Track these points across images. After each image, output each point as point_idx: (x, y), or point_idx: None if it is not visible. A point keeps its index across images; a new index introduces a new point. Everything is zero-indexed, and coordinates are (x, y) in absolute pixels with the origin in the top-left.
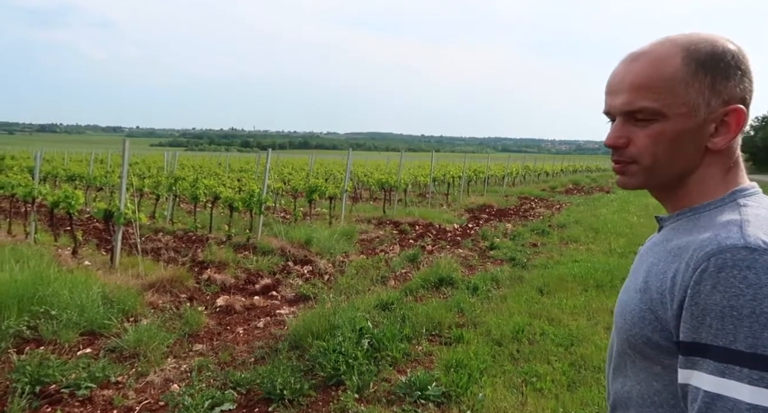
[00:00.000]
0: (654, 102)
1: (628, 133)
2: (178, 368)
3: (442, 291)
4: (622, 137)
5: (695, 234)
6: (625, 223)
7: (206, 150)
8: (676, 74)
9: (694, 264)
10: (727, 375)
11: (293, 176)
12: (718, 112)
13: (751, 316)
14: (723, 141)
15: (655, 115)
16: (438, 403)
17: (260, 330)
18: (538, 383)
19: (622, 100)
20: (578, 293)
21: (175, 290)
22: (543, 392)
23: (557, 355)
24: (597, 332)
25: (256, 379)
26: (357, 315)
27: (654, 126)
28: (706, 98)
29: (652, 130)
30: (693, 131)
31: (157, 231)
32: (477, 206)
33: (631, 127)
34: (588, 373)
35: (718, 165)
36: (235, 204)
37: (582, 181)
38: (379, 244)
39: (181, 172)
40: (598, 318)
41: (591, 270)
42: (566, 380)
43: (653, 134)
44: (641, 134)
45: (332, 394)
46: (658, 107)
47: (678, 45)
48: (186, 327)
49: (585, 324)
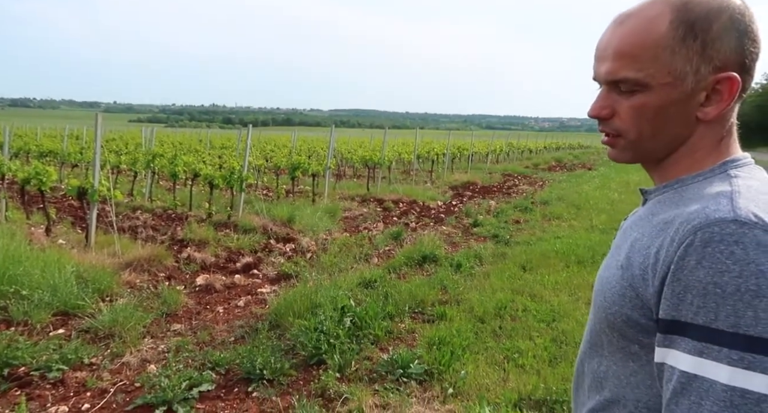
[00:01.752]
0: (637, 72)
1: (613, 102)
2: (156, 348)
3: (426, 269)
4: (606, 106)
5: (682, 207)
6: (607, 199)
7: (187, 126)
8: (661, 40)
9: (679, 238)
10: (705, 354)
11: (275, 153)
12: (708, 80)
13: (735, 294)
14: (714, 111)
15: (637, 85)
16: (420, 381)
17: (241, 309)
18: (520, 359)
19: (606, 68)
20: (560, 270)
21: (153, 269)
22: (525, 368)
23: (539, 331)
24: (578, 307)
25: (236, 359)
26: (339, 294)
27: (637, 97)
28: (694, 66)
29: (635, 101)
30: (680, 101)
31: (135, 209)
32: (461, 184)
33: (615, 96)
34: (569, 348)
35: (709, 135)
36: (215, 182)
37: (565, 158)
38: (363, 221)
39: (160, 148)
40: (579, 293)
41: (573, 246)
42: (548, 355)
43: (636, 106)
44: (625, 104)
45: (313, 373)
46: (642, 77)
47: (669, 4)
48: (164, 306)
49: (566, 299)
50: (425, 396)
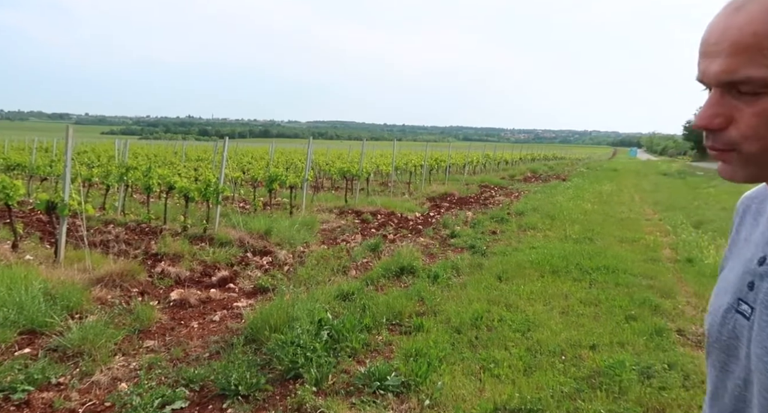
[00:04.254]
0: (763, 68)
1: (729, 110)
2: (127, 366)
3: (403, 280)
4: (718, 115)
5: None
6: (580, 210)
7: (162, 138)
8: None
9: None
10: None
11: (253, 165)
12: None
13: None
14: None
15: (765, 87)
16: (397, 393)
17: (216, 324)
18: (496, 369)
19: (720, 66)
20: (535, 279)
21: (126, 285)
22: (500, 378)
23: (514, 341)
24: (552, 317)
25: (210, 375)
26: (316, 306)
27: (764, 101)
28: None
29: (761, 106)
30: None
31: (107, 223)
32: (438, 195)
33: (732, 101)
34: (543, 358)
35: None
36: (190, 194)
37: (539, 169)
38: (341, 233)
39: (134, 161)
40: (553, 303)
41: (547, 257)
42: (523, 365)
43: (763, 113)
44: (747, 111)
45: (290, 388)
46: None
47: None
48: (137, 322)
49: (541, 309)
50: (402, 409)
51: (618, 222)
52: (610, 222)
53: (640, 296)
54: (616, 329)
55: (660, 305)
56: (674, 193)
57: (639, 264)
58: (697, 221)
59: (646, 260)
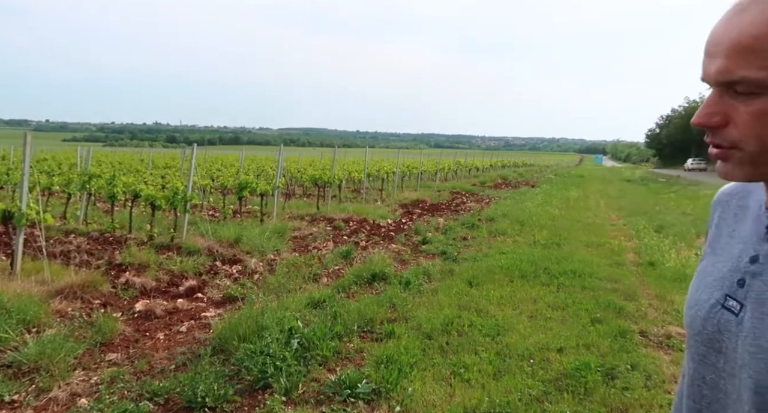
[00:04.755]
0: (759, 70)
1: (727, 108)
2: (88, 380)
3: (375, 287)
4: (717, 113)
5: None
6: (548, 215)
7: (128, 146)
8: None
9: None
10: None
11: (222, 172)
12: None
13: None
14: None
15: (760, 87)
16: (368, 400)
17: (183, 335)
18: (466, 374)
19: (718, 66)
20: (505, 284)
21: (87, 297)
22: (470, 382)
23: (484, 345)
24: (521, 321)
25: (176, 387)
26: (287, 315)
27: (760, 101)
28: None
29: (756, 106)
30: None
31: (68, 233)
32: (410, 201)
33: (730, 100)
34: (512, 361)
35: None
36: (157, 202)
37: (510, 176)
38: (313, 241)
39: (97, 169)
40: (522, 307)
41: (517, 262)
42: (492, 369)
43: (758, 112)
44: (743, 110)
45: (259, 398)
46: (765, 76)
47: None
48: (98, 335)
49: (510, 313)
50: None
51: (584, 227)
52: (576, 227)
53: (605, 300)
54: (582, 332)
55: (624, 308)
56: (637, 199)
57: (604, 268)
58: (658, 225)
59: (611, 264)
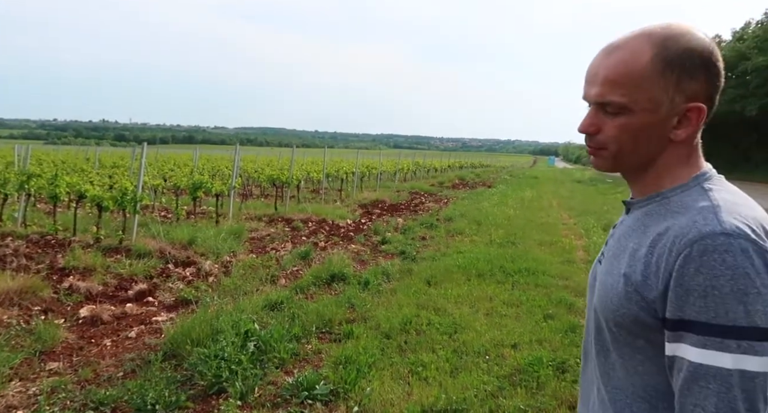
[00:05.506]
0: (622, 97)
1: (599, 121)
2: (25, 392)
3: (334, 287)
4: (593, 124)
5: (670, 219)
6: (504, 215)
7: (72, 144)
8: (644, 72)
9: (677, 250)
10: (709, 346)
11: (175, 172)
12: (680, 107)
13: (730, 294)
14: (684, 134)
15: (622, 109)
16: (326, 402)
17: (132, 341)
18: (424, 372)
19: (595, 92)
20: (462, 283)
21: (26, 303)
22: (428, 380)
23: (442, 343)
24: (478, 318)
25: (124, 395)
26: (243, 317)
27: (621, 118)
28: (670, 95)
29: (619, 121)
30: (656, 124)
31: (4, 236)
32: (370, 202)
33: (602, 116)
34: (469, 358)
35: (679, 153)
36: (104, 203)
37: (467, 176)
38: (270, 242)
39: (37, 168)
40: (479, 305)
41: (474, 261)
42: (449, 367)
43: (620, 125)
44: (610, 123)
45: (212, 403)
46: (626, 102)
47: (651, 41)
48: (38, 343)
49: (468, 311)
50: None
51: (538, 226)
52: (530, 226)
53: (557, 296)
54: (535, 327)
55: (574, 304)
56: (587, 199)
57: (556, 266)
58: (605, 224)
59: (563, 261)
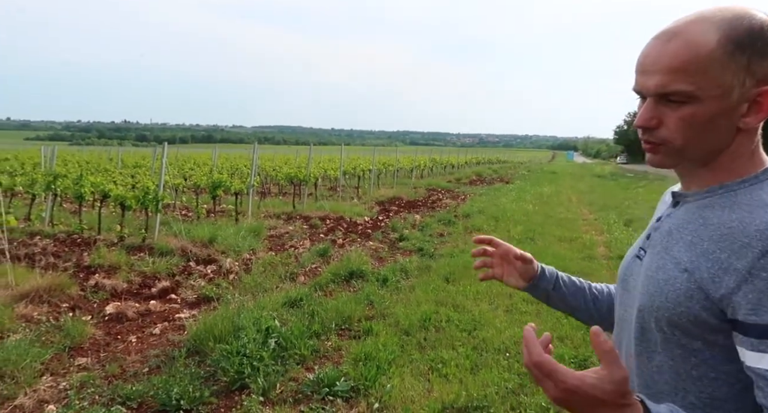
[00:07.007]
0: (689, 85)
1: (660, 114)
2: (56, 386)
3: (353, 285)
4: (653, 117)
5: (740, 212)
6: (522, 211)
7: (95, 144)
8: (712, 56)
9: (761, 247)
10: None
11: (195, 171)
12: (751, 92)
13: None
14: (755, 121)
15: (688, 98)
16: (346, 398)
17: (156, 337)
18: (444, 369)
19: (656, 81)
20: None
21: (55, 300)
22: (448, 377)
23: (461, 340)
24: (497, 315)
25: (150, 391)
26: (263, 315)
27: (686, 108)
28: (741, 79)
29: (684, 112)
30: (726, 112)
31: (32, 235)
32: (387, 199)
33: (662, 108)
34: (489, 355)
35: (746, 144)
36: (127, 203)
37: (485, 172)
38: (289, 239)
39: (63, 168)
40: (497, 301)
41: None
42: (469, 364)
43: (685, 116)
44: (673, 115)
45: (235, 399)
46: (693, 90)
47: (713, 23)
48: (67, 339)
49: (486, 308)
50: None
51: (557, 222)
52: (550, 222)
53: None
54: (556, 324)
55: None
56: (607, 194)
57: (577, 262)
58: (627, 219)
59: (584, 257)
